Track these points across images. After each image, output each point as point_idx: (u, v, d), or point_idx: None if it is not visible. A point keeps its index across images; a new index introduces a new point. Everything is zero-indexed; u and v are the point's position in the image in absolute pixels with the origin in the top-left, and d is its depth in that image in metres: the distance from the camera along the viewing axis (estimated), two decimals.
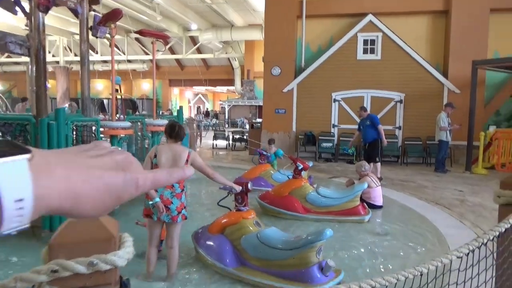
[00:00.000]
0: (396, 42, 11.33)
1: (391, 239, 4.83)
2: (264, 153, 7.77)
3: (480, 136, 9.57)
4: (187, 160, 3.42)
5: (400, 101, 11.59)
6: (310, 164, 6.52)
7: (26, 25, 6.04)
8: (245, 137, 14.59)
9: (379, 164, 8.17)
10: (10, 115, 7.10)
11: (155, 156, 3.42)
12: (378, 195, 6.14)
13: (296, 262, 3.40)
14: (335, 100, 12.04)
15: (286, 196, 5.68)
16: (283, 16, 12.28)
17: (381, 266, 4.05)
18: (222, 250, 3.78)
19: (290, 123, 12.33)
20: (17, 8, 6.11)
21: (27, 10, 5.99)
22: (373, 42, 11.66)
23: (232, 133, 15.24)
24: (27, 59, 6.48)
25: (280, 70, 12.39)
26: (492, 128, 10.30)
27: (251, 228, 3.80)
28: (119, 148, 0.51)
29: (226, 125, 24.68)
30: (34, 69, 6.08)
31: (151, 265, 3.57)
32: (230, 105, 26.23)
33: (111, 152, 0.48)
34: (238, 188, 3.71)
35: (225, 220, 3.96)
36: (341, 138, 11.79)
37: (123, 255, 1.00)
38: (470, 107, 9.81)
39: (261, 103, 17.15)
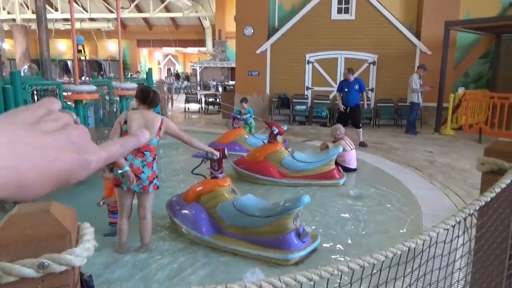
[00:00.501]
0: (371, 1, 11.10)
1: (366, 202, 4.89)
2: (238, 117, 7.60)
3: (449, 97, 9.72)
4: (160, 128, 3.25)
5: (373, 63, 11.53)
6: (285, 128, 6.43)
7: None
8: (218, 100, 14.28)
9: (361, 129, 8.16)
10: None
11: (125, 122, 3.22)
12: (352, 158, 6.17)
13: (274, 229, 3.37)
14: (308, 62, 11.84)
15: (262, 161, 5.61)
16: None
17: (357, 230, 4.10)
18: (198, 219, 3.69)
19: (263, 86, 12.10)
20: None
21: None
22: (347, 1, 11.37)
23: (205, 96, 14.87)
24: None
25: (253, 30, 11.97)
26: (461, 90, 10.47)
27: (227, 196, 3.71)
28: (73, 114, 0.46)
29: (198, 88, 24.11)
30: None
31: (123, 235, 3.45)
32: (201, 67, 25.53)
33: (66, 126, 0.42)
34: (217, 154, 3.57)
35: (200, 188, 3.84)
36: (314, 101, 11.71)
37: (81, 253, 0.85)
38: (441, 69, 9.88)
39: (233, 65, 16.69)
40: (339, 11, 11.47)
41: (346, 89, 8.22)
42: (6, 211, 4.32)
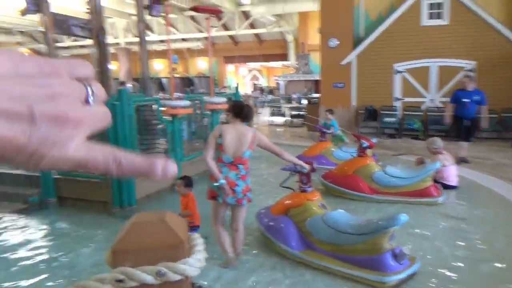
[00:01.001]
0: (465, 3, 10.19)
1: (470, 224, 4.39)
2: (324, 130, 7.44)
3: None
4: (252, 140, 3.28)
5: (471, 70, 10.52)
6: (374, 141, 6.13)
7: (88, 8, 6.16)
8: (302, 113, 14.24)
9: (467, 143, 7.37)
10: None
11: (220, 136, 3.27)
12: (452, 174, 5.63)
13: (367, 248, 3.17)
14: (397, 72, 11.24)
15: (351, 175, 5.39)
16: None
17: (461, 255, 3.69)
18: (287, 232, 3.64)
19: (349, 98, 11.76)
20: None
21: None
22: (439, 5, 10.60)
23: (289, 109, 14.94)
24: (91, 41, 6.66)
25: (337, 42, 11.76)
26: None
27: (316, 210, 3.61)
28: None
29: (282, 101, 24.38)
30: (97, 51, 6.24)
31: (227, 245, 3.42)
32: (285, 80, 25.81)
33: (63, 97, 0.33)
34: (307, 167, 3.51)
35: (288, 201, 3.80)
36: (405, 112, 11.05)
37: (194, 263, 0.84)
38: None
39: (317, 77, 16.56)
40: (430, 16, 10.75)
41: (464, 100, 7.13)
42: (113, 216, 4.72)
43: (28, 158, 0.31)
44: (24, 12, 5.80)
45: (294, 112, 14.74)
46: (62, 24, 6.14)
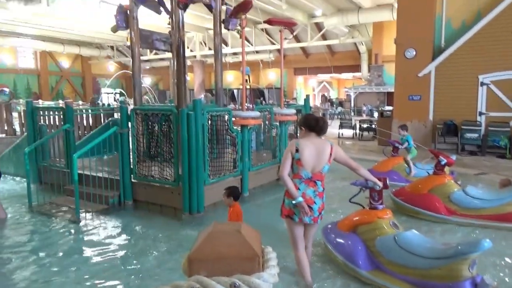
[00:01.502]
0: None
1: None
2: (397, 145, 7.09)
3: None
4: (330, 154, 3.13)
5: None
6: (453, 158, 5.70)
7: (168, 24, 6.59)
8: (373, 126, 13.76)
9: None
10: (157, 106, 7.93)
11: (297, 150, 3.10)
12: None
13: (443, 274, 2.94)
14: (482, 84, 10.39)
15: (426, 194, 5.06)
16: None
17: None
18: (354, 250, 3.51)
19: (426, 111, 11.11)
20: (161, 8, 6.72)
21: (169, 9, 6.52)
22: None
23: (359, 122, 14.53)
24: (170, 55, 7.11)
25: (415, 52, 11.22)
26: None
27: (387, 229, 3.44)
28: None
29: (352, 113, 23.77)
30: (175, 63, 6.64)
31: (305, 269, 3.26)
32: (356, 92, 25.19)
33: None
34: (380, 184, 3.36)
35: (357, 218, 3.67)
36: (490, 128, 10.14)
37: (268, 279, 0.86)
38: None
39: (390, 89, 15.94)
40: None
41: None
42: (182, 222, 4.93)
43: None
44: (115, 30, 6.37)
45: (364, 125, 14.29)
46: (147, 39, 6.63)
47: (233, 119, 5.83)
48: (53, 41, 27.08)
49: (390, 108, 14.07)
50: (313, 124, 3.18)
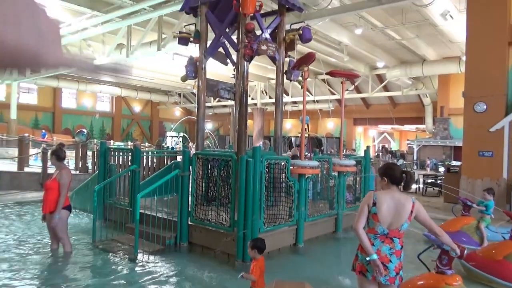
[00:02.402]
0: None
1: None
2: (469, 203, 6.54)
3: None
4: (411, 212, 2.89)
5: None
6: None
7: (233, 74, 6.95)
8: (438, 181, 12.96)
9: None
10: (217, 151, 8.19)
11: (374, 204, 2.91)
12: None
13: None
14: None
15: (501, 261, 4.55)
16: (490, 44, 10.62)
17: None
18: None
19: (499, 168, 10.28)
20: (227, 60, 7.14)
21: (235, 60, 6.90)
22: None
23: (423, 176, 13.79)
24: (232, 102, 7.42)
25: (485, 106, 10.63)
26: None
27: None
28: None
29: (415, 167, 22.69)
30: (237, 111, 6.89)
31: None
32: (419, 145, 24.20)
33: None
34: (458, 252, 3.05)
35: (422, 282, 3.38)
36: None
37: None
38: None
39: (457, 143, 15.07)
40: None
41: None
42: (235, 268, 4.85)
43: None
44: (184, 79, 6.84)
45: (429, 180, 13.51)
46: (213, 88, 7.02)
47: (291, 167, 5.82)
48: (129, 88, 29.66)
49: (458, 163, 13.25)
50: (398, 176, 2.96)
